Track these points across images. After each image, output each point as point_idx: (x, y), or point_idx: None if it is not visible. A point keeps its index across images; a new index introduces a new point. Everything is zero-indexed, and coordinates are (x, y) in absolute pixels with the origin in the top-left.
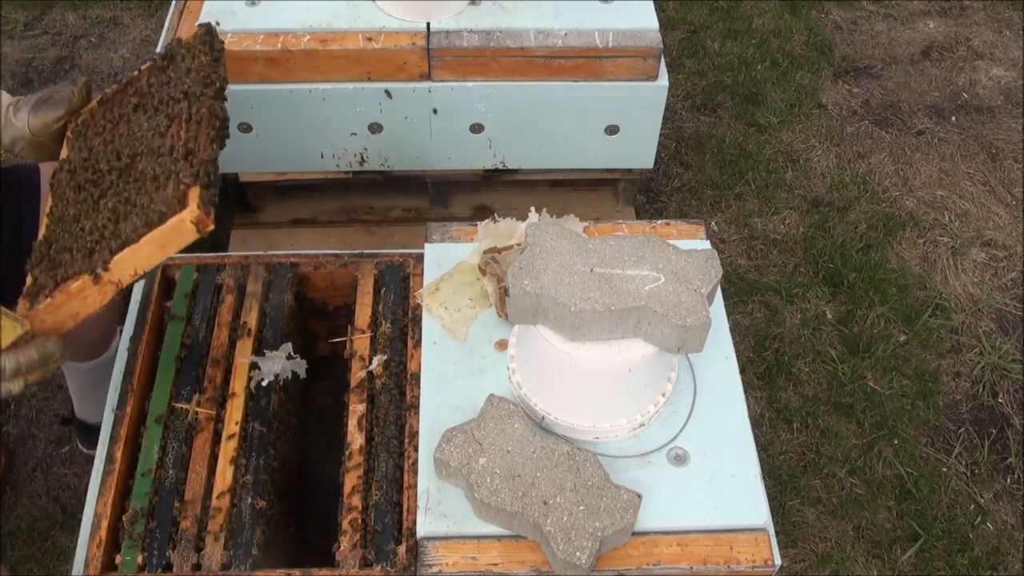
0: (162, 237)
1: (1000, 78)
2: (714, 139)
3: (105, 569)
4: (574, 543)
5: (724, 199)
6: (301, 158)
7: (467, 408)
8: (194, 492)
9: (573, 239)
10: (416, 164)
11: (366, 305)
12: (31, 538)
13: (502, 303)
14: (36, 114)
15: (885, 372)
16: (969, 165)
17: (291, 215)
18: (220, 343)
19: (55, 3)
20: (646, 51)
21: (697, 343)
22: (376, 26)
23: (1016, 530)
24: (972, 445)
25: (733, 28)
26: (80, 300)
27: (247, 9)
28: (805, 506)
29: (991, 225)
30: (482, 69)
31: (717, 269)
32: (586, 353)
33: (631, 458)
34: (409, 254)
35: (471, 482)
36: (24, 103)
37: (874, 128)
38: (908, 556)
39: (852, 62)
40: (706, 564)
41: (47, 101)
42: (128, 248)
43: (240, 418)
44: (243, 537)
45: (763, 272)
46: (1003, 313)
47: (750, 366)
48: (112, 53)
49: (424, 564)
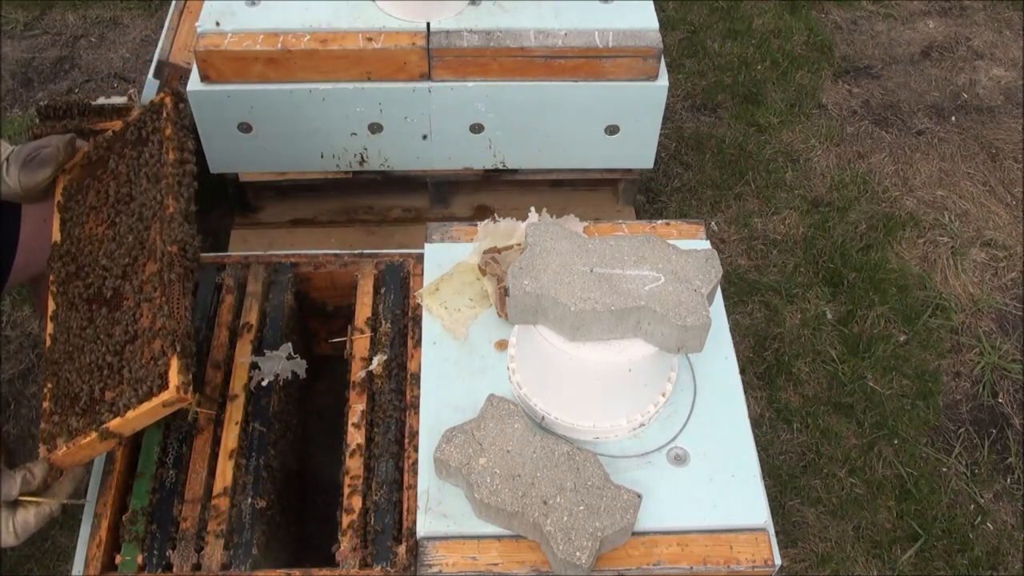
0: (152, 411)
1: (1000, 78)
2: (714, 139)
3: (105, 569)
4: (574, 543)
5: (724, 199)
6: (301, 158)
7: (467, 408)
8: (194, 492)
9: (573, 239)
10: (416, 164)
11: (366, 305)
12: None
13: (502, 303)
14: (26, 173)
15: (885, 372)
16: (969, 165)
17: (291, 215)
18: (220, 343)
19: (55, 3)
20: (646, 51)
21: (697, 343)
22: (376, 26)
23: (1016, 530)
24: (972, 445)
25: (733, 28)
26: (90, 449)
27: (247, 9)
28: (805, 506)
29: (991, 225)
30: (482, 69)
31: (717, 269)
32: (586, 353)
33: (631, 458)
34: (409, 254)
35: (471, 482)
36: (14, 159)
37: (874, 128)
38: (908, 556)
39: (852, 62)
40: (706, 564)
41: (35, 159)
42: (121, 418)
43: (240, 418)
44: (243, 537)
45: (763, 272)
46: (1003, 313)
47: (750, 366)
48: (112, 53)
49: (424, 564)
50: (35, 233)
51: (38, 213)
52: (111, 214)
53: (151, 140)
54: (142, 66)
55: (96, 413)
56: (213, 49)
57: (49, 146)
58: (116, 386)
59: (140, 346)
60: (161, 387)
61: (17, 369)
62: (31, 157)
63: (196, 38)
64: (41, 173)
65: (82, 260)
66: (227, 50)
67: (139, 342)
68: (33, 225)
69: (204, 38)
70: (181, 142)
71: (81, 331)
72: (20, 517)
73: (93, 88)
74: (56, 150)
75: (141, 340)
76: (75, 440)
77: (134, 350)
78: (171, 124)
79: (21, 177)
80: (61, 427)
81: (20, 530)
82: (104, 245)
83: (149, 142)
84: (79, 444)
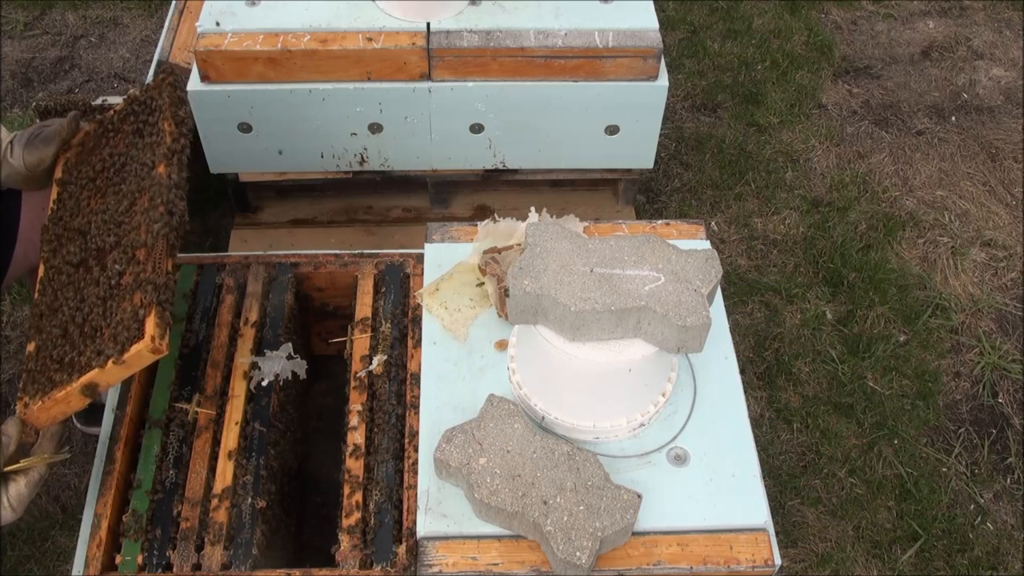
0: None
1: (1000, 78)
2: (714, 139)
3: (105, 569)
4: (574, 543)
5: (724, 199)
6: (301, 158)
7: (467, 408)
8: (194, 492)
9: (573, 239)
10: (416, 164)
11: (366, 305)
12: (31, 538)
13: (502, 303)
14: (30, 151)
15: (885, 372)
16: (969, 165)
17: (291, 215)
18: (220, 343)
19: (55, 3)
20: (646, 51)
21: (697, 343)
22: (376, 26)
23: (1016, 530)
24: (972, 445)
25: (733, 28)
26: (65, 403)
27: (247, 9)
28: (805, 506)
29: (991, 225)
30: (482, 69)
31: (717, 269)
32: (586, 353)
33: (631, 458)
34: (409, 254)
35: (471, 482)
36: (17, 141)
37: (874, 128)
38: (908, 556)
39: (852, 62)
40: (706, 564)
41: (39, 136)
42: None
43: (240, 418)
44: (243, 537)
45: (763, 272)
46: (1003, 313)
47: (750, 366)
48: (112, 53)
49: (424, 564)
50: (35, 223)
51: (38, 202)
52: (104, 184)
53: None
54: (142, 66)
55: (74, 366)
56: (213, 49)
57: (51, 125)
58: (96, 340)
59: (120, 300)
60: (137, 337)
61: (17, 369)
62: (34, 135)
63: (196, 38)
64: (46, 149)
65: (73, 226)
66: (227, 50)
67: (124, 295)
68: (33, 214)
69: (204, 38)
70: (175, 113)
71: (64, 291)
72: (12, 490)
73: (93, 88)
74: (59, 127)
75: (122, 294)
76: (50, 394)
77: (114, 305)
78: (167, 96)
79: (25, 155)
80: (39, 383)
81: (16, 503)
82: (97, 215)
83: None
84: (55, 398)
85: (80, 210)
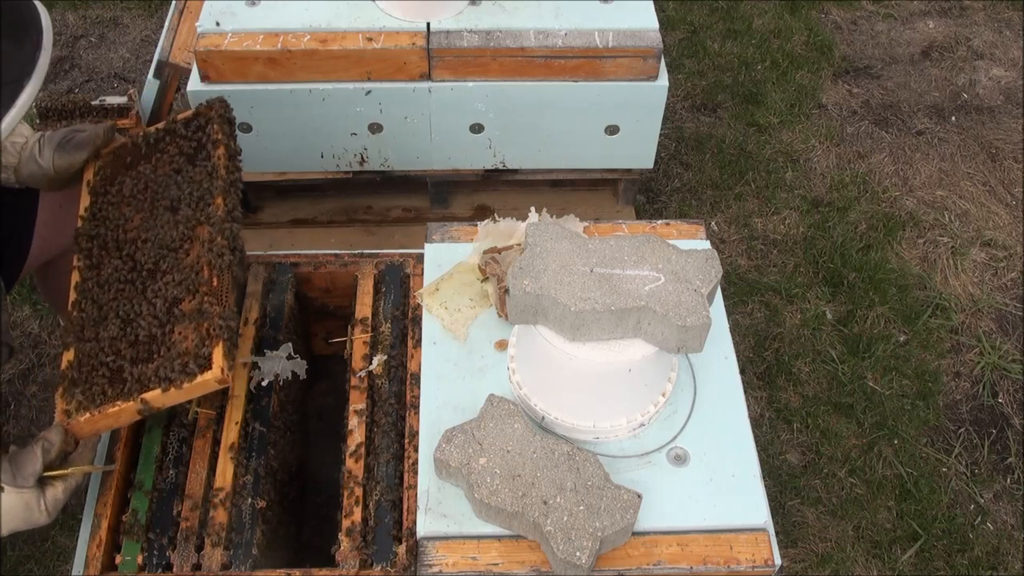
0: (193, 388)
1: (1000, 78)
2: (714, 139)
3: (105, 569)
4: (574, 543)
5: (724, 199)
6: (301, 158)
7: (467, 408)
8: (194, 492)
9: (573, 239)
10: (416, 164)
11: (366, 305)
12: (31, 538)
13: (502, 303)
14: (61, 155)
15: (885, 372)
16: (969, 165)
17: (291, 215)
18: None
19: (55, 3)
20: (646, 51)
21: (697, 343)
22: (376, 26)
23: (1016, 530)
24: (972, 445)
25: (733, 28)
26: (115, 418)
27: (247, 9)
28: (805, 506)
29: (991, 225)
30: (482, 69)
31: (717, 269)
32: (586, 353)
33: (631, 458)
34: (409, 254)
35: (471, 482)
36: (47, 142)
37: (874, 128)
38: (908, 556)
39: (852, 62)
40: (706, 564)
41: (71, 141)
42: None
43: (240, 418)
44: (243, 537)
45: (763, 272)
46: (1003, 313)
47: (750, 366)
48: (112, 53)
49: (424, 564)
50: (49, 220)
51: (54, 199)
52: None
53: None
54: (142, 66)
55: (128, 382)
56: (213, 49)
57: (85, 131)
58: (154, 359)
59: (186, 326)
60: (206, 367)
61: (17, 369)
62: (67, 139)
63: (196, 38)
64: (77, 155)
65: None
66: (227, 50)
67: (185, 322)
68: (49, 212)
69: (204, 38)
70: (228, 145)
71: (110, 305)
72: (50, 495)
73: (93, 88)
74: (94, 135)
75: (187, 320)
76: (102, 408)
77: (171, 330)
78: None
79: (56, 158)
80: (86, 394)
81: (52, 507)
82: (143, 233)
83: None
84: (106, 412)
85: (121, 225)
